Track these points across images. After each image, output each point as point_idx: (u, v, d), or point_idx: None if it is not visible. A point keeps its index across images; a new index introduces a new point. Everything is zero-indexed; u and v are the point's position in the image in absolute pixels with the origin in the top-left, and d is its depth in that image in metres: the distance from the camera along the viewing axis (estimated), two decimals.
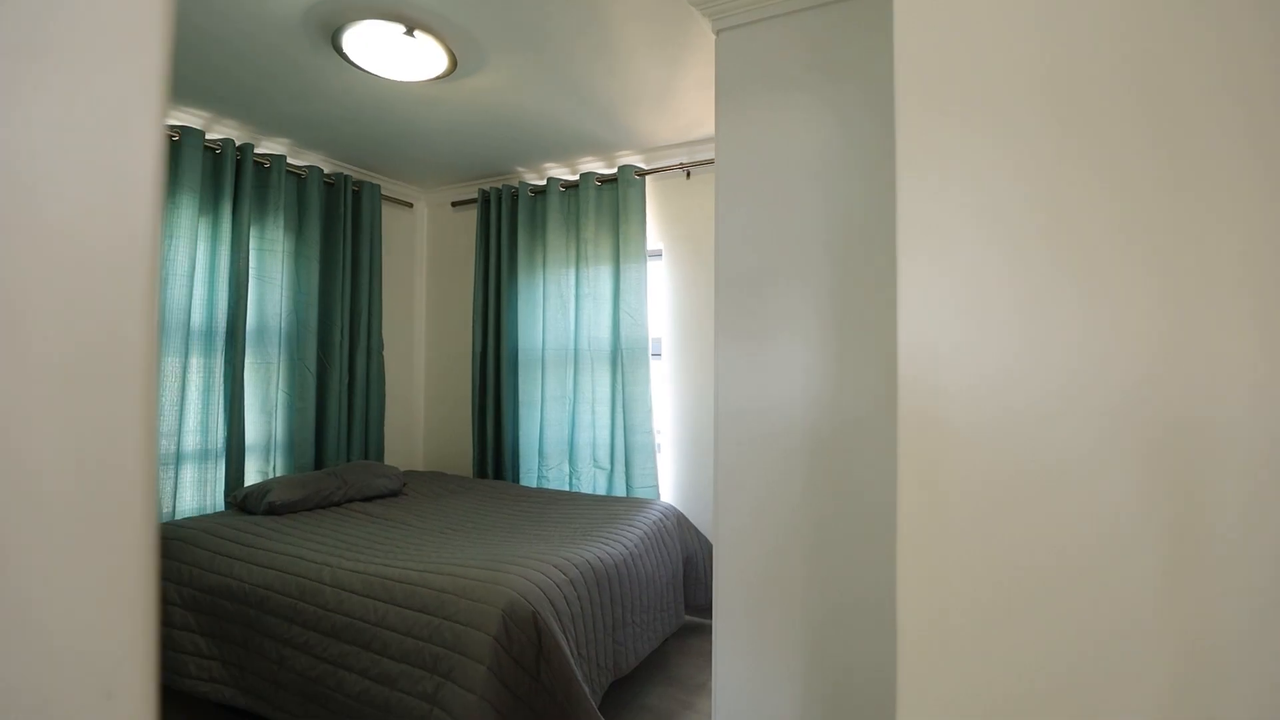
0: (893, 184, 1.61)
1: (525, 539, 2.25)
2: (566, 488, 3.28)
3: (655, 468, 3.10)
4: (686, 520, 2.90)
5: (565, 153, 3.19)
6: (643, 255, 3.10)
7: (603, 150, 3.15)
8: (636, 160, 3.20)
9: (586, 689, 1.72)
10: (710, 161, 2.97)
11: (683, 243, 3.14)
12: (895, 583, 0.79)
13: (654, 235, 3.22)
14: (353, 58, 2.09)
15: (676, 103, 2.59)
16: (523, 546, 2.13)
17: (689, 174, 3.10)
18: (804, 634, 1.52)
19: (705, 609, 2.81)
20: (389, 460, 3.70)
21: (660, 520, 2.65)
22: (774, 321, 1.57)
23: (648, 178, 3.16)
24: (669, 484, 3.16)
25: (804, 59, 1.62)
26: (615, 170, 3.19)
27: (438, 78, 2.25)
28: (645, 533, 2.47)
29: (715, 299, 1.62)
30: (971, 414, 0.76)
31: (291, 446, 3.09)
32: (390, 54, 2.07)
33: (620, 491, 3.14)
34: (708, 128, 2.85)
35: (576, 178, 3.30)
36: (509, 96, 2.52)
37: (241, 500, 2.59)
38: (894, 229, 1.50)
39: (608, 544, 2.22)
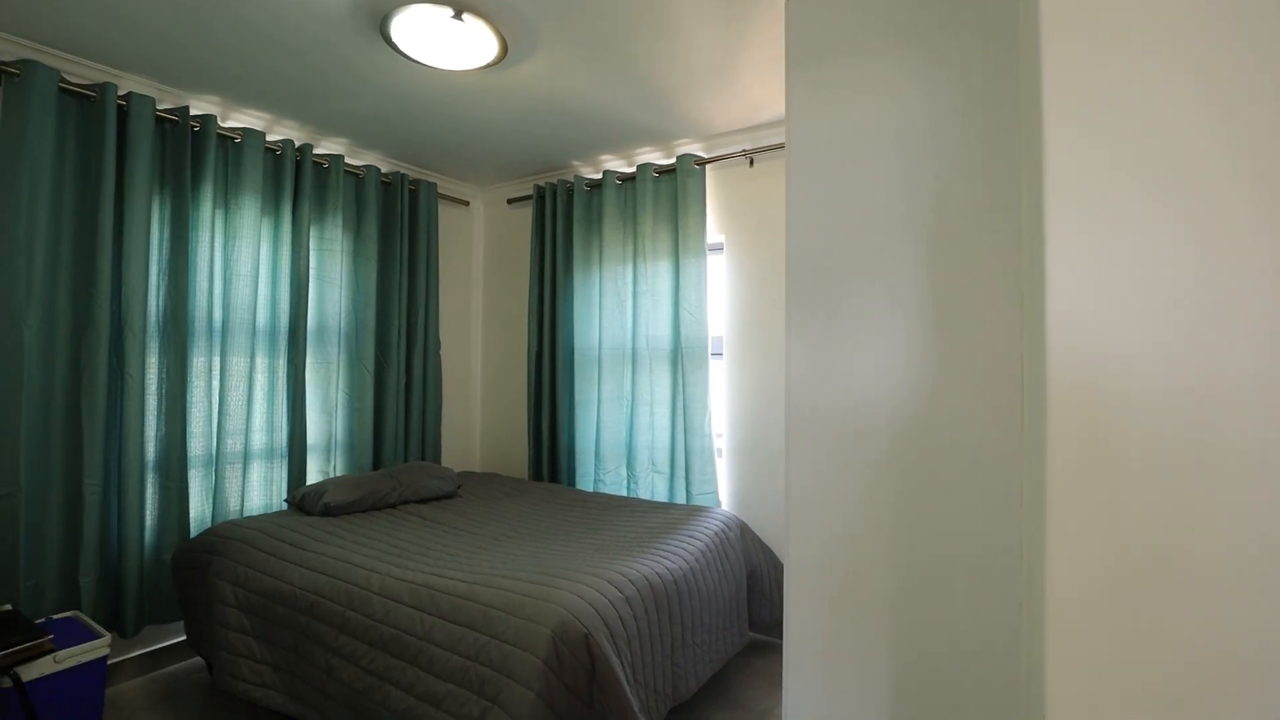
0: (1002, 154, 1.38)
1: (580, 549, 2.13)
2: (624, 492, 3.16)
3: (715, 473, 2.92)
4: (750, 530, 2.71)
5: (621, 143, 3.06)
6: (703, 249, 2.93)
7: (660, 139, 3.00)
8: (696, 149, 3.03)
9: None
10: (775, 147, 2.77)
11: (745, 234, 2.95)
12: (1015, 600, 0.63)
13: (714, 227, 3.04)
14: (402, 47, 2.02)
15: (739, 84, 2.41)
16: (576, 558, 2.01)
17: (752, 161, 2.90)
18: (892, 666, 1.32)
19: (770, 626, 2.61)
20: (446, 460, 3.67)
21: (722, 530, 2.48)
22: (855, 314, 1.37)
23: (708, 166, 2.99)
24: (726, 490, 2.99)
25: (887, 22, 1.41)
26: (674, 160, 3.04)
27: (489, 65, 2.16)
28: (706, 544, 2.30)
29: (786, 291, 1.43)
30: (1145, 391, 0.57)
31: (351, 446, 3.09)
32: (439, 41, 1.98)
33: (680, 497, 2.98)
34: (773, 110, 2.65)
35: (633, 170, 3.17)
36: (562, 84, 2.40)
37: (300, 500, 2.59)
38: (1008, 204, 1.28)
39: (666, 557, 2.07)
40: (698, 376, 2.92)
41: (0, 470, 2.04)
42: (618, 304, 3.20)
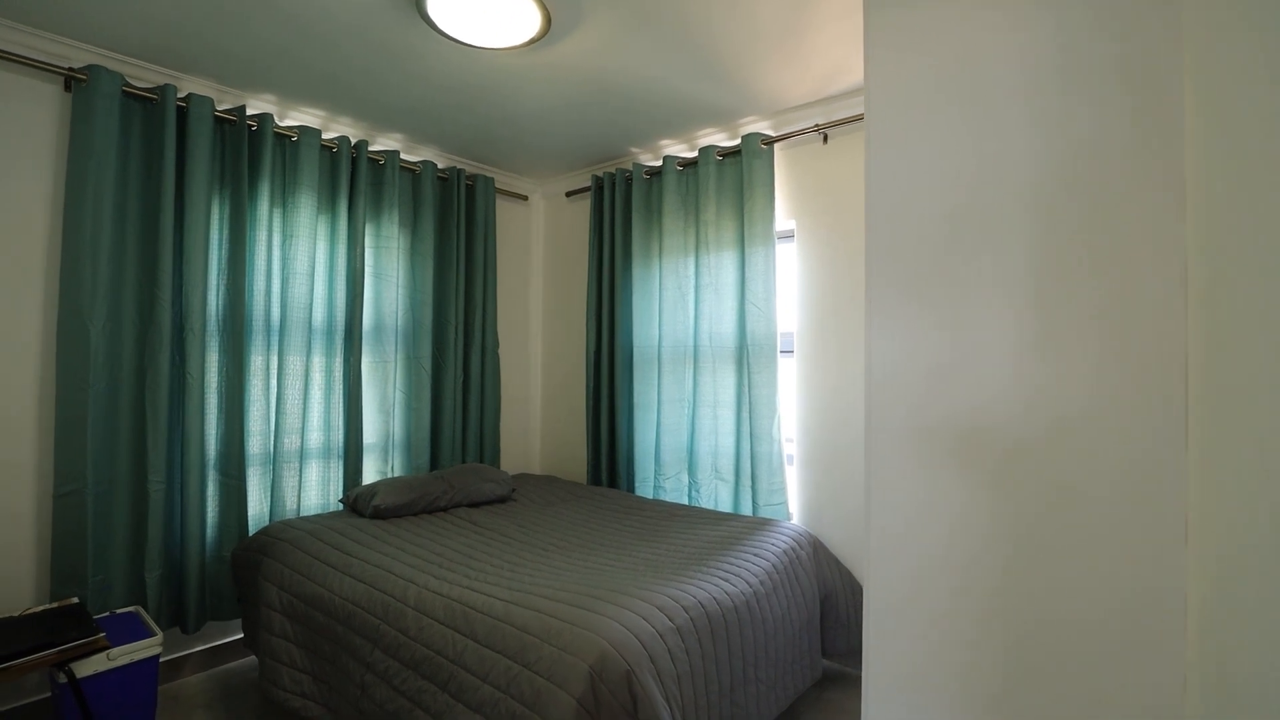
0: (1149, 92, 1.07)
1: (631, 564, 1.95)
2: (684, 500, 2.95)
3: (785, 483, 2.66)
4: (824, 548, 2.44)
5: (681, 125, 2.85)
6: (770, 237, 2.68)
7: (724, 118, 2.77)
8: (763, 127, 2.77)
9: None
10: (852, 120, 2.48)
11: (819, 219, 2.67)
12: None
13: (784, 213, 2.78)
14: (441, 25, 1.90)
15: (809, 48, 2.14)
16: (626, 575, 1.82)
17: (826, 137, 2.62)
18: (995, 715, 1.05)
19: (847, 654, 2.33)
20: (505, 462, 3.59)
21: (792, 549, 2.22)
22: (954, 297, 1.11)
23: (776, 146, 2.73)
24: (797, 502, 2.71)
25: None
26: (738, 141, 2.79)
27: (532, 41, 2.01)
28: (774, 564, 2.06)
29: (866, 273, 1.19)
30: None
31: (408, 446, 3.05)
32: (478, 16, 1.85)
33: (745, 508, 2.74)
34: (849, 78, 2.36)
35: (695, 154, 2.95)
36: (613, 60, 2.22)
37: (353, 501, 2.55)
38: (1161, 150, 0.99)
39: (727, 578, 1.85)
40: (765, 376, 2.67)
41: (69, 467, 2.08)
42: (679, 299, 2.99)
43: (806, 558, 2.25)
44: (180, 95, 2.32)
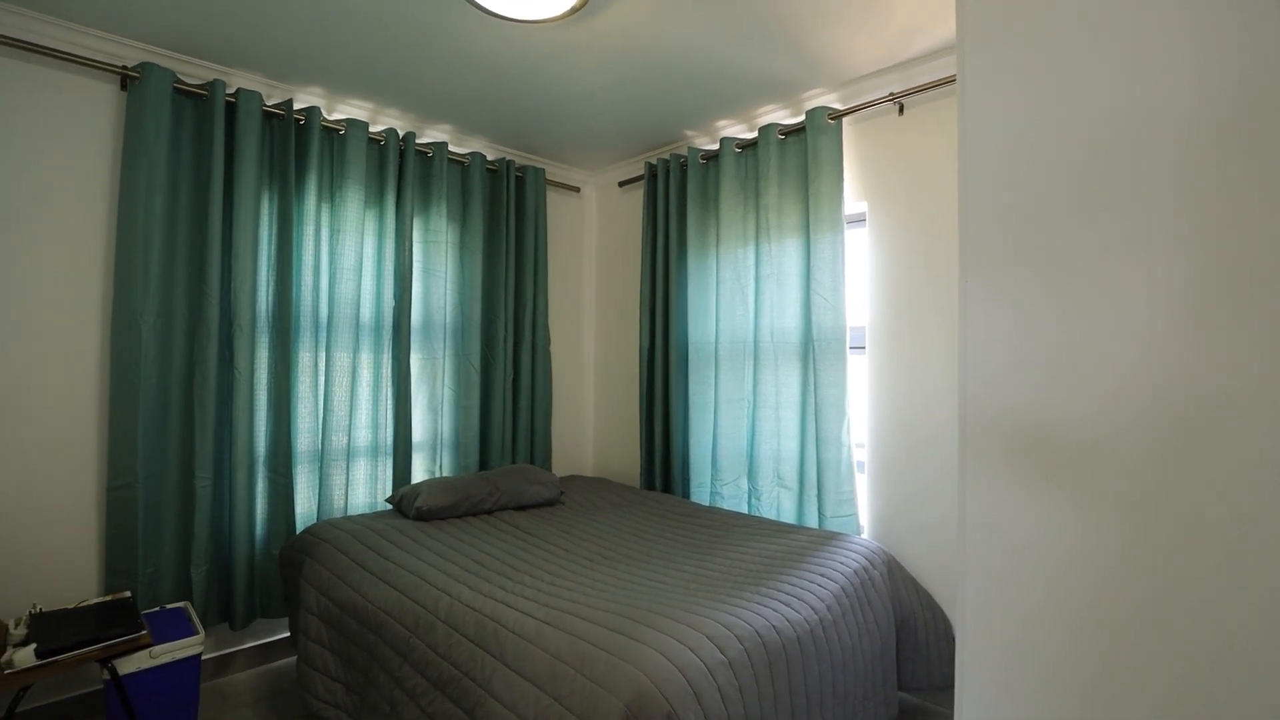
0: None
1: (681, 580, 1.76)
2: (743, 508, 2.73)
3: (854, 492, 2.40)
4: (899, 567, 2.17)
5: (739, 103, 2.64)
6: (839, 221, 2.42)
7: (786, 93, 2.54)
8: (830, 99, 2.52)
9: None
10: (933, 85, 2.19)
11: (894, 198, 2.39)
12: None
13: (854, 194, 2.51)
14: None
15: (882, 5, 1.89)
16: (673, 594, 1.64)
17: (902, 108, 2.34)
18: None
19: (928, 688, 2.06)
20: (557, 464, 3.48)
21: (863, 568, 1.98)
22: (1068, 269, 0.86)
23: (845, 120, 2.47)
24: (868, 513, 2.44)
25: None
26: (802, 118, 2.55)
27: (572, 11, 1.86)
28: (843, 585, 1.83)
29: (960, 246, 0.96)
30: None
31: (457, 446, 2.98)
32: None
33: (810, 519, 2.50)
34: (929, 36, 2.09)
35: (755, 134, 2.73)
36: (660, 32, 2.04)
37: (398, 501, 2.49)
38: None
39: (788, 602, 1.64)
40: (833, 375, 2.42)
41: (120, 462, 2.10)
42: (737, 290, 2.78)
43: (880, 578, 2.00)
44: (229, 91, 2.31)
